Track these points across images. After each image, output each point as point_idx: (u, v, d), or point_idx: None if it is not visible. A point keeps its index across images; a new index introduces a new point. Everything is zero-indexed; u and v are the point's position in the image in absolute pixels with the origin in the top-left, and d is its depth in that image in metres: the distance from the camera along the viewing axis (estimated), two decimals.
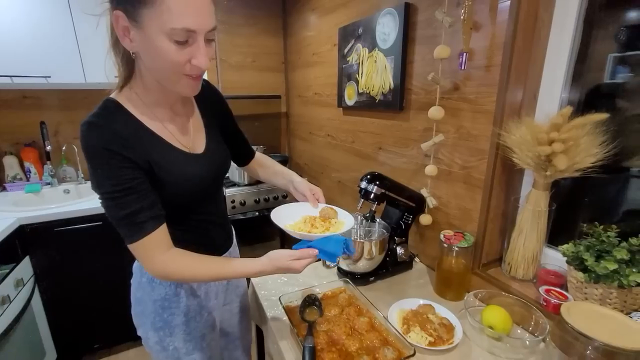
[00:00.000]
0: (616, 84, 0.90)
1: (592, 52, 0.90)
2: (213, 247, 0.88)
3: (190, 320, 0.84)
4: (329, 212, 0.88)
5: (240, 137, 1.01)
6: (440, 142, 1.07)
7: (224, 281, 0.94)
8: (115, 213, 0.65)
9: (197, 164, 0.78)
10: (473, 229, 1.04)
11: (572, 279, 0.82)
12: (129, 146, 0.66)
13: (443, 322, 0.86)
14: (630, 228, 0.82)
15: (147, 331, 0.84)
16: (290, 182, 0.98)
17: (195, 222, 0.83)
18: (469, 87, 0.99)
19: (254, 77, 2.38)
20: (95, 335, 1.74)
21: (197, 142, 0.81)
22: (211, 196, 0.86)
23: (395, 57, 1.25)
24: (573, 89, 0.92)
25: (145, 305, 0.82)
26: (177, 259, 0.71)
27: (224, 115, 0.94)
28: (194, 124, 0.82)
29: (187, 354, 0.85)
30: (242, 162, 1.05)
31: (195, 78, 0.66)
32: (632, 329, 0.65)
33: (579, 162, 0.80)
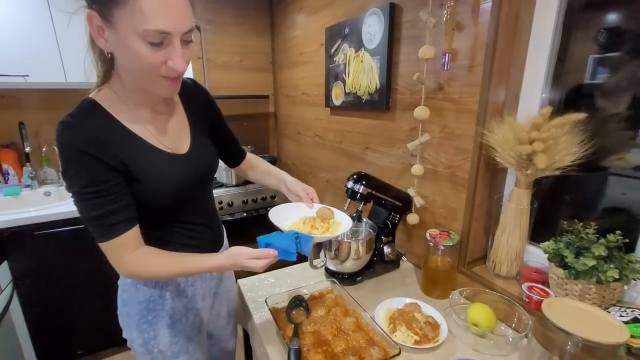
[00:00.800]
0: (595, 85, 0.92)
1: (572, 54, 0.93)
2: (201, 248, 0.86)
3: (175, 323, 0.83)
4: (326, 213, 0.87)
5: (230, 138, 0.99)
6: (426, 141, 1.08)
7: (212, 284, 0.93)
8: (86, 213, 0.65)
9: (179, 164, 0.76)
10: (458, 228, 1.05)
11: (553, 275, 0.83)
12: (105, 147, 0.64)
13: (429, 321, 0.87)
14: (609, 225, 0.85)
15: (132, 333, 0.82)
16: (282, 183, 0.96)
17: (182, 223, 0.81)
18: (452, 87, 1.00)
19: (241, 77, 2.36)
20: (77, 341, 1.70)
21: (181, 142, 0.79)
22: (197, 197, 0.84)
23: (381, 57, 1.26)
24: (553, 89, 0.94)
25: (130, 306, 0.81)
26: (142, 257, 0.70)
27: (213, 115, 0.92)
28: (177, 124, 0.80)
29: (173, 357, 0.84)
30: (233, 163, 1.04)
31: (172, 80, 0.65)
32: (610, 323, 0.66)
33: (559, 161, 0.81)
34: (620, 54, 0.87)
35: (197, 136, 0.83)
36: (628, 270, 0.72)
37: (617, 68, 0.89)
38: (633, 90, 0.86)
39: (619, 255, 0.75)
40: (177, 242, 0.81)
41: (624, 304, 0.76)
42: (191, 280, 0.85)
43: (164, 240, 0.80)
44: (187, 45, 0.64)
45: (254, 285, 1.11)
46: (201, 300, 0.88)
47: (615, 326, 0.65)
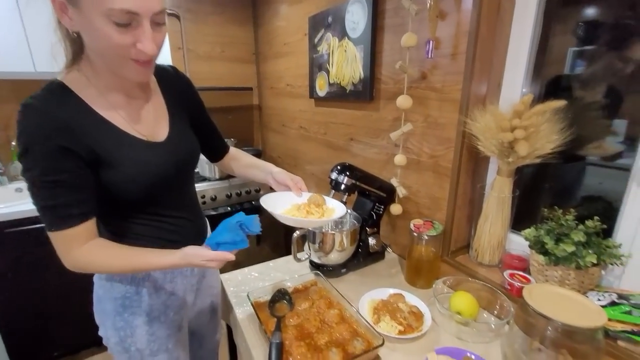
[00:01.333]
0: (574, 75, 0.93)
1: (552, 45, 0.93)
2: (182, 243, 0.81)
3: (153, 320, 0.79)
4: (318, 199, 0.85)
5: (212, 131, 0.96)
6: (408, 131, 1.07)
7: (193, 280, 0.89)
8: (41, 201, 0.61)
9: (155, 152, 0.72)
10: (442, 217, 1.05)
11: (534, 262, 0.84)
12: (71, 134, 0.60)
13: (412, 310, 0.87)
14: (587, 212, 0.86)
15: (107, 330, 0.79)
16: (269, 174, 0.93)
17: (159, 216, 0.78)
18: (435, 75, 0.99)
19: (223, 68, 2.30)
20: (54, 343, 1.63)
21: (158, 130, 0.76)
22: (176, 188, 0.80)
23: (364, 46, 1.24)
24: (534, 80, 0.95)
25: (105, 303, 0.78)
26: (92, 250, 0.66)
27: (195, 106, 0.88)
28: (154, 111, 0.76)
29: (152, 355, 0.81)
30: (215, 157, 1.00)
31: (142, 64, 0.61)
32: (589, 308, 0.67)
33: (539, 149, 0.82)
34: (598, 46, 0.88)
35: (176, 124, 0.79)
36: (606, 256, 0.73)
37: (595, 60, 0.90)
38: (609, 80, 0.87)
39: (597, 240, 0.76)
40: (154, 237, 0.78)
41: (601, 289, 0.78)
42: (170, 277, 0.81)
43: (141, 234, 0.76)
44: (158, 27, 0.60)
45: (236, 279, 1.09)
46: (182, 296, 0.85)
47: (594, 310, 0.66)
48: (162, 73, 0.82)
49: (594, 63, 0.91)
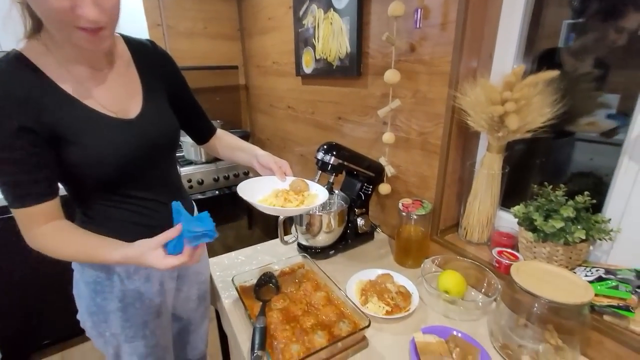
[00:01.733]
0: (567, 48, 0.89)
1: (546, 17, 0.88)
2: (158, 228, 0.78)
3: (127, 307, 0.77)
4: (300, 185, 0.82)
5: (197, 111, 0.91)
6: (397, 107, 1.03)
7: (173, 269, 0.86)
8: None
9: (125, 130, 0.68)
10: (431, 196, 1.03)
11: (523, 239, 0.83)
12: (27, 109, 0.56)
13: (400, 291, 0.86)
14: (577, 187, 0.84)
15: (83, 314, 0.78)
16: (253, 157, 0.89)
17: (131, 198, 0.74)
18: (424, 47, 0.94)
19: (206, 46, 2.19)
20: (42, 331, 1.62)
21: (129, 106, 0.71)
22: (151, 170, 0.75)
23: (350, 17, 1.17)
24: (527, 51, 0.90)
25: (80, 287, 0.76)
26: (50, 233, 0.63)
27: (176, 85, 0.83)
28: (126, 86, 0.71)
29: (127, 341, 0.79)
30: (201, 139, 0.96)
31: (90, 32, 0.55)
32: (576, 284, 0.66)
33: (530, 122, 0.78)
34: (591, 17, 0.84)
35: (150, 101, 0.74)
36: (595, 231, 0.72)
37: (588, 31, 0.86)
38: (602, 53, 0.83)
39: (586, 216, 0.74)
40: (129, 221, 0.74)
41: (589, 264, 0.77)
42: None
43: (113, 218, 0.73)
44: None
45: (222, 263, 1.07)
46: (158, 284, 0.82)
47: (581, 286, 0.65)
48: (138, 46, 0.76)
49: (588, 35, 0.87)
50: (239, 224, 2.51)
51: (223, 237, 2.40)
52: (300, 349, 0.68)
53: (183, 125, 0.88)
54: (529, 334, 0.68)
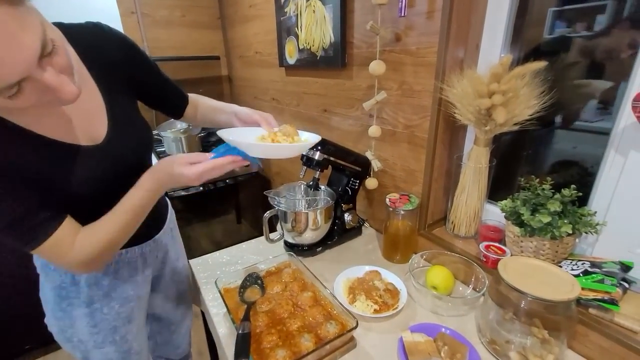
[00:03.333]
0: (555, 37, 0.87)
1: (532, 4, 0.85)
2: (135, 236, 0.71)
3: (95, 312, 0.73)
4: (289, 130, 0.74)
5: (167, 89, 0.83)
6: (382, 99, 1.00)
7: (147, 272, 0.82)
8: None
9: (92, 160, 0.61)
10: (418, 190, 1.01)
11: (510, 233, 0.82)
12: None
13: (388, 288, 0.84)
14: (563, 179, 0.84)
15: (49, 319, 0.75)
16: (232, 114, 0.81)
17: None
18: (410, 37, 0.90)
19: (185, 35, 2.10)
20: (24, 336, 1.56)
21: (95, 127, 0.63)
22: (127, 186, 0.67)
23: (334, 5, 1.12)
24: (514, 41, 0.88)
25: (45, 292, 0.73)
26: (88, 237, 0.60)
27: (137, 67, 0.72)
28: (85, 103, 0.61)
29: (97, 347, 0.76)
30: (178, 113, 0.88)
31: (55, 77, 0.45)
32: (563, 279, 0.66)
33: (518, 115, 0.77)
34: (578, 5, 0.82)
35: (117, 113, 0.66)
36: (581, 225, 0.72)
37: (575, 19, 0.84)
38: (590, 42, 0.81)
39: (573, 210, 0.74)
40: None
41: (575, 257, 0.77)
42: (115, 268, 0.75)
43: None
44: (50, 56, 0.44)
45: (206, 264, 1.03)
46: (130, 289, 0.78)
47: (568, 281, 0.65)
48: (84, 40, 0.62)
49: (575, 23, 0.85)
50: (227, 218, 2.47)
51: (211, 233, 2.36)
52: (287, 354, 0.66)
53: (154, 105, 0.82)
54: (516, 328, 0.68)
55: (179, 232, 1.01)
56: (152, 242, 0.82)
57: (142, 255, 0.80)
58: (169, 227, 0.91)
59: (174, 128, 1.93)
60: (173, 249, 0.94)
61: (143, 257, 0.80)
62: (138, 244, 0.78)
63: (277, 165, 1.90)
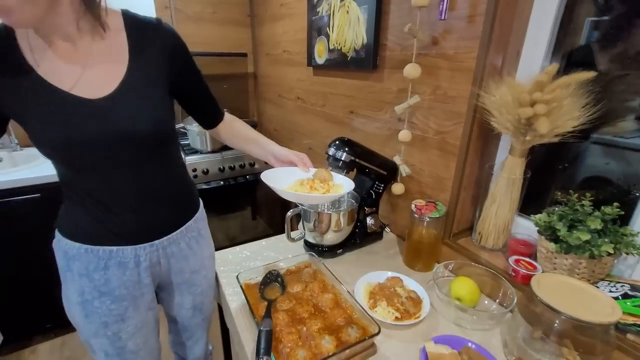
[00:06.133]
0: (602, 44, 0.83)
1: (579, 11, 0.82)
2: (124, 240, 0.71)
3: (86, 303, 0.72)
4: (324, 175, 0.79)
5: (204, 95, 0.85)
6: (415, 104, 0.98)
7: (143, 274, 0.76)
8: None
9: (83, 110, 0.59)
10: (445, 198, 0.98)
11: (543, 248, 0.79)
12: None
13: (410, 296, 0.83)
14: (602, 195, 0.80)
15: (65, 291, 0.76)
16: (269, 153, 0.87)
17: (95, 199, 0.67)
18: (448, 41, 0.88)
19: (215, 32, 2.13)
20: (45, 315, 1.62)
21: (101, 85, 0.61)
22: (122, 168, 0.66)
23: (369, 6, 1.11)
24: (557, 49, 0.84)
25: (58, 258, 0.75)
26: None
27: (182, 65, 0.74)
28: (103, 62, 0.62)
29: (94, 336, 0.75)
30: (208, 124, 0.90)
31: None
32: (602, 301, 0.62)
33: (560, 126, 0.74)
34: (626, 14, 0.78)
35: (132, 84, 0.63)
36: (622, 245, 0.68)
37: (623, 28, 0.80)
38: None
39: (614, 228, 0.70)
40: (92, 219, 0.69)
41: (613, 278, 0.73)
42: (104, 263, 0.71)
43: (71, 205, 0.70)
44: None
45: (227, 258, 1.04)
46: (123, 288, 0.74)
47: (607, 304, 0.61)
48: (137, 24, 0.67)
49: (623, 31, 0.81)
50: (243, 214, 2.49)
51: (227, 227, 2.39)
52: (307, 355, 0.65)
53: (187, 109, 0.84)
54: (545, 348, 0.65)
55: (207, 245, 0.91)
56: (149, 247, 0.74)
57: (135, 257, 0.73)
58: (181, 239, 0.81)
59: None
60: (191, 261, 0.85)
61: (137, 259, 0.74)
62: (131, 245, 0.73)
63: None
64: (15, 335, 1.61)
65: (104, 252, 0.71)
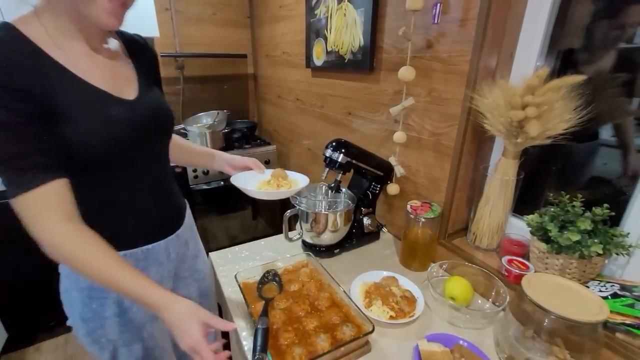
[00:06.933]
0: (595, 47, 0.84)
1: (573, 12, 0.83)
2: (145, 213, 0.74)
3: (125, 311, 0.74)
4: (281, 173, 0.92)
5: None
6: (410, 106, 0.99)
7: (170, 267, 0.82)
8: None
9: (124, 108, 0.65)
10: (440, 199, 1.00)
11: (535, 249, 0.80)
12: (23, 74, 0.52)
13: (405, 295, 0.84)
14: (595, 196, 0.81)
15: (75, 322, 0.74)
16: (224, 163, 0.95)
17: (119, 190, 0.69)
18: (442, 44, 0.90)
19: (215, 33, 2.15)
20: (50, 313, 1.64)
21: (126, 88, 0.68)
22: (148, 156, 0.72)
23: (365, 9, 1.12)
24: (550, 50, 0.85)
25: (71, 294, 0.72)
26: (81, 238, 0.58)
27: (159, 83, 0.83)
28: (121, 69, 0.70)
29: (125, 345, 0.76)
30: None
31: (115, 3, 0.56)
32: (591, 300, 0.64)
33: (551, 129, 0.75)
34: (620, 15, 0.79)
35: (146, 87, 0.72)
36: (612, 245, 0.69)
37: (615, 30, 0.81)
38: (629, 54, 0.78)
39: (604, 229, 0.71)
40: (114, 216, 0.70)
41: (603, 278, 0.74)
42: (143, 264, 0.75)
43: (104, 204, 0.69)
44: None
45: (226, 258, 1.06)
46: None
47: (596, 303, 0.63)
48: (128, 39, 0.77)
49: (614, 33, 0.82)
50: (244, 214, 2.51)
51: (227, 227, 2.41)
52: (303, 352, 0.67)
53: None
54: (536, 346, 0.66)
55: (196, 230, 0.98)
56: (175, 237, 0.81)
57: (166, 249, 0.79)
58: (189, 223, 0.90)
59: (200, 123, 1.98)
60: (192, 246, 0.92)
61: (167, 252, 0.79)
62: (163, 238, 0.77)
63: (297, 165, 1.92)
64: (20, 333, 1.64)
65: (142, 252, 0.74)
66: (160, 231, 0.77)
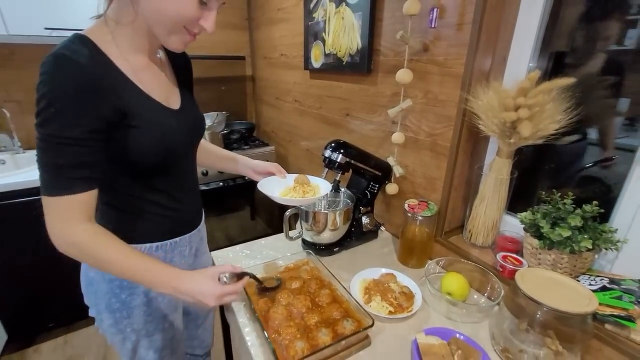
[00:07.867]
0: (585, 50, 0.87)
1: (564, 17, 0.86)
2: (183, 222, 0.82)
3: (151, 300, 0.78)
4: (303, 179, 0.93)
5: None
6: (407, 107, 1.02)
7: (190, 260, 0.87)
8: (51, 159, 0.56)
9: (174, 118, 0.71)
10: (437, 198, 1.03)
11: (528, 245, 0.83)
12: (102, 90, 0.57)
13: (403, 291, 0.87)
14: (585, 194, 0.84)
15: (101, 312, 0.77)
16: (248, 168, 0.97)
17: (160, 192, 0.75)
18: (438, 47, 0.93)
19: (213, 35, 2.16)
20: (48, 314, 1.65)
21: (172, 98, 0.74)
22: (187, 159, 0.80)
23: (363, 13, 1.15)
24: (542, 53, 0.89)
25: (98, 285, 0.75)
26: (99, 235, 0.62)
27: (191, 87, 0.87)
28: (168, 78, 0.75)
29: (148, 335, 0.80)
30: None
31: (193, 35, 0.63)
32: (580, 293, 0.66)
33: (543, 129, 0.78)
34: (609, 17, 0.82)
35: (186, 95, 0.79)
36: (601, 241, 0.72)
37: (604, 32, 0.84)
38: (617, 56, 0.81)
39: (594, 225, 0.74)
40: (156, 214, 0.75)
41: (593, 273, 0.77)
42: (170, 256, 0.80)
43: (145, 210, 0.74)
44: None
45: (227, 256, 1.08)
46: None
47: (585, 296, 0.65)
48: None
49: (604, 36, 0.85)
50: (242, 214, 2.52)
51: (226, 228, 2.42)
52: (305, 346, 0.69)
53: None
54: (530, 338, 0.69)
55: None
56: (197, 232, 0.87)
57: (189, 243, 0.85)
58: (204, 220, 0.95)
59: None
60: (204, 242, 0.98)
61: (190, 246, 0.85)
62: (188, 233, 0.83)
63: (296, 166, 1.94)
64: (19, 335, 1.64)
65: (170, 245, 0.79)
66: (186, 226, 0.83)
